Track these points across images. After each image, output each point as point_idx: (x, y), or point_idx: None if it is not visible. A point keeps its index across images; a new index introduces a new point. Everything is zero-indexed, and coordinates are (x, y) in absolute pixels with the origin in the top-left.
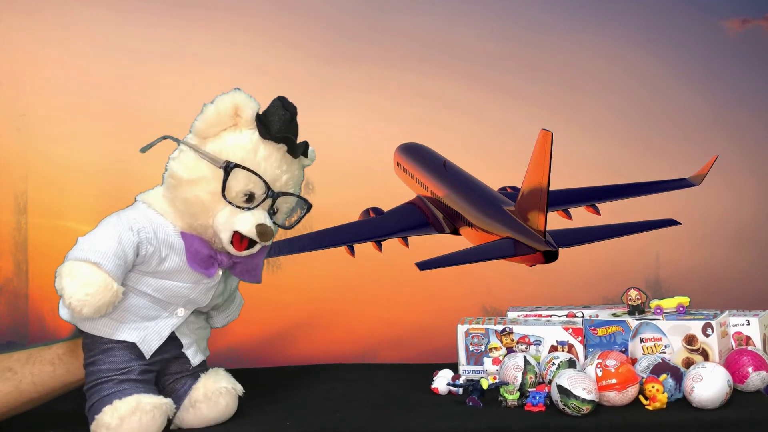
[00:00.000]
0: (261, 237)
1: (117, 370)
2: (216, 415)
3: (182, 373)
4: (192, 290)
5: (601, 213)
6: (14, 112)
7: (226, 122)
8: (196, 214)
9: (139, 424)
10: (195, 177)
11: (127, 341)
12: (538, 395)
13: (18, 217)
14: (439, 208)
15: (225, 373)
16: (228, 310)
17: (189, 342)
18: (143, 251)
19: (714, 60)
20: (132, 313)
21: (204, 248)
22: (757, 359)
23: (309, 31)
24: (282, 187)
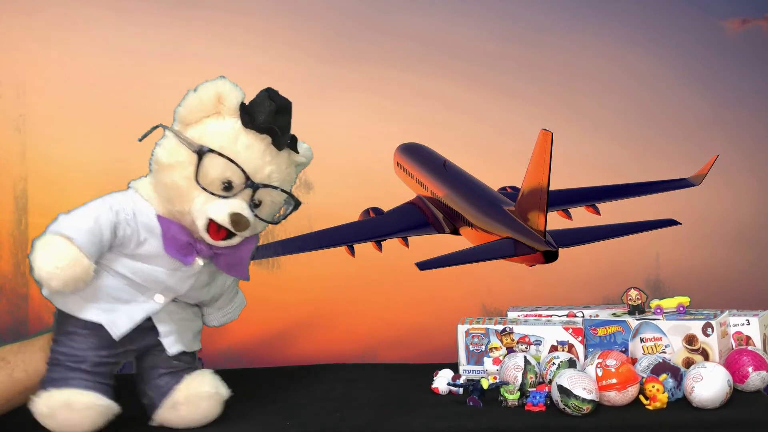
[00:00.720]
0: (235, 226)
1: (70, 356)
2: (197, 417)
3: (166, 369)
4: (169, 277)
5: (601, 213)
6: (14, 112)
7: (208, 109)
8: (174, 200)
9: (68, 420)
10: (173, 162)
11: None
12: (539, 395)
13: (18, 217)
14: (439, 208)
15: (211, 376)
16: (225, 308)
17: (167, 330)
18: (121, 232)
19: (714, 60)
20: (104, 293)
21: (183, 235)
22: (757, 359)
23: (309, 31)
24: (265, 179)
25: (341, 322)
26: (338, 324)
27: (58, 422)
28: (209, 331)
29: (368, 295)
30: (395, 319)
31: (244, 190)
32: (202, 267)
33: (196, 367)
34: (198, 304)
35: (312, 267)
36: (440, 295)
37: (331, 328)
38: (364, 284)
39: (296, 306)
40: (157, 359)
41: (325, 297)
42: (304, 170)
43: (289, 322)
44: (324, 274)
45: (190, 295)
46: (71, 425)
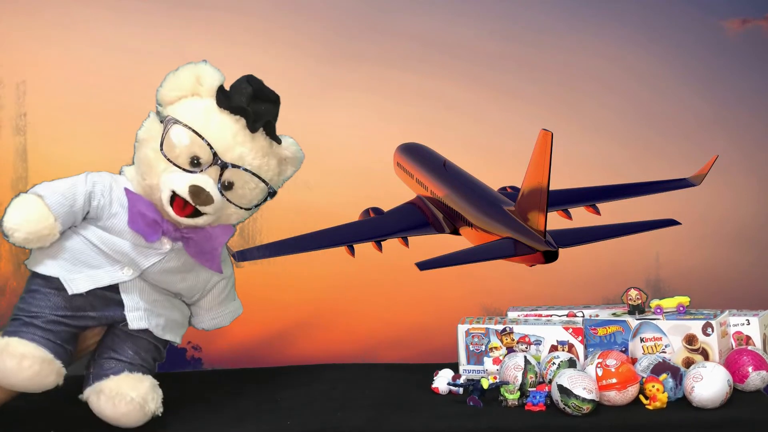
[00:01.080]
0: (194, 197)
1: (27, 312)
2: (111, 415)
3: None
4: (132, 249)
5: (601, 213)
6: (14, 112)
7: (185, 88)
8: (145, 173)
9: (3, 365)
10: (147, 136)
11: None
12: (539, 395)
13: None
14: (439, 208)
15: (147, 385)
16: (214, 311)
17: (134, 305)
18: (95, 202)
19: (714, 60)
20: (70, 255)
21: (149, 211)
22: (757, 359)
23: (309, 31)
24: (235, 159)
25: (341, 322)
26: (338, 324)
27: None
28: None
29: (368, 295)
30: (395, 319)
31: (212, 167)
32: (170, 250)
33: (148, 370)
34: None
35: (312, 267)
36: (440, 295)
37: (331, 328)
38: (364, 284)
39: (296, 306)
40: (117, 341)
41: (325, 297)
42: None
43: (289, 322)
44: (324, 274)
45: (159, 279)
46: (7, 371)
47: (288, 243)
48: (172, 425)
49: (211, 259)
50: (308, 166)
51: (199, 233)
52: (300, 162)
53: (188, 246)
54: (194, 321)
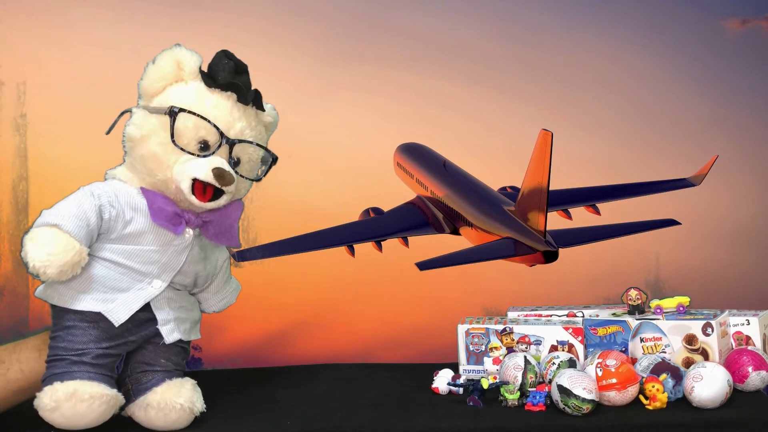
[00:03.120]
0: (219, 180)
1: (72, 350)
2: (163, 425)
3: (152, 367)
4: (162, 253)
5: (601, 213)
6: (14, 112)
7: (168, 76)
8: (154, 170)
9: (74, 411)
10: (146, 132)
11: (91, 316)
12: (539, 395)
13: (18, 217)
14: (439, 208)
15: (190, 388)
16: (222, 292)
17: (166, 318)
18: (106, 215)
19: (714, 60)
20: (100, 284)
21: (168, 205)
22: (757, 359)
23: (309, 31)
24: (238, 134)
25: (341, 322)
26: (338, 324)
27: (64, 414)
28: (209, 331)
29: (368, 295)
30: (395, 319)
31: (221, 148)
32: (193, 240)
33: (181, 372)
34: (194, 292)
35: (312, 267)
36: (440, 295)
37: (331, 328)
38: (364, 284)
39: (296, 306)
40: (147, 354)
41: (325, 297)
42: (305, 170)
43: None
44: (324, 274)
45: (187, 271)
46: (78, 416)
47: (288, 243)
48: None
49: (230, 236)
50: (308, 166)
51: (215, 214)
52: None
53: (207, 230)
54: (205, 307)
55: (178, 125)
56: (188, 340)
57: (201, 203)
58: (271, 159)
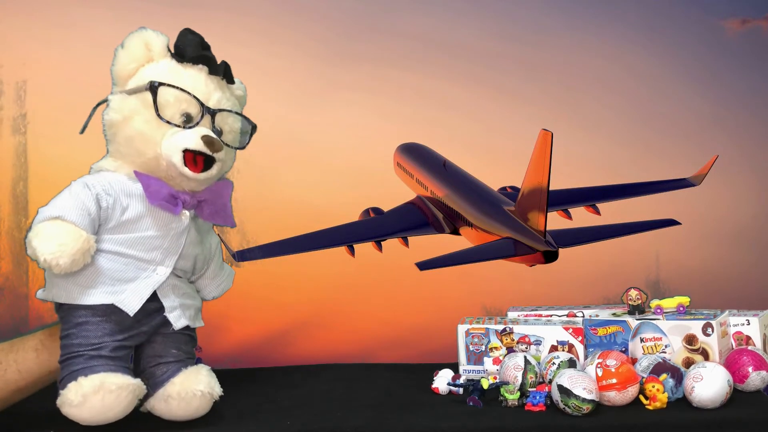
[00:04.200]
0: (209, 147)
1: (89, 345)
2: (186, 414)
3: (165, 359)
4: (163, 238)
5: (601, 213)
6: (14, 111)
7: (139, 58)
8: (142, 150)
9: (102, 403)
10: (127, 113)
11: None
12: (539, 395)
13: (18, 217)
14: (439, 208)
15: (206, 374)
16: (219, 277)
17: (172, 305)
18: (104, 203)
19: (714, 60)
20: (106, 277)
21: (163, 187)
22: (757, 359)
23: (309, 31)
24: (216, 104)
25: (341, 322)
26: (338, 324)
27: (92, 408)
28: (210, 330)
29: (368, 295)
30: (395, 319)
31: (204, 119)
32: (189, 222)
33: (193, 360)
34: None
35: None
36: (440, 295)
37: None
38: (364, 284)
39: (296, 306)
40: (157, 346)
41: (325, 297)
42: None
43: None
44: (324, 274)
45: (187, 254)
46: (106, 408)
47: (288, 243)
48: (172, 425)
49: (224, 215)
50: (308, 166)
51: (209, 194)
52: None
53: (202, 210)
54: (204, 294)
55: (159, 100)
56: (194, 327)
57: (194, 174)
58: (250, 127)
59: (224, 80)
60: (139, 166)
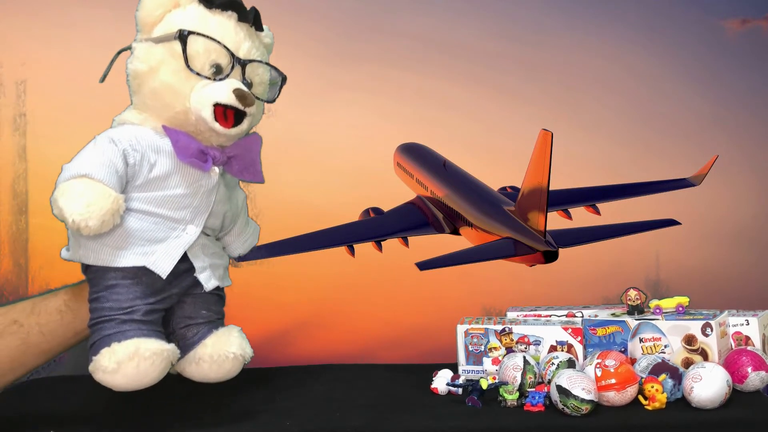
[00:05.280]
0: (242, 101)
1: (120, 309)
2: (218, 376)
3: (195, 320)
4: (193, 197)
5: (601, 213)
6: (14, 112)
7: (165, 3)
8: (170, 103)
9: (137, 370)
10: (154, 63)
11: (132, 272)
12: (538, 395)
13: (18, 217)
14: (439, 208)
15: (237, 335)
16: (245, 233)
17: (203, 265)
18: (131, 159)
19: (714, 60)
20: (135, 237)
21: (192, 142)
22: (756, 359)
23: (309, 31)
24: (246, 54)
25: (341, 322)
26: (338, 324)
27: (127, 375)
28: None
29: (368, 295)
30: (395, 319)
31: (234, 70)
32: (218, 179)
33: (223, 320)
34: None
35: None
36: (440, 295)
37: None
38: (364, 284)
39: (296, 306)
40: (187, 308)
41: (325, 297)
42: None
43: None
44: (324, 274)
45: (217, 212)
46: (141, 375)
47: (288, 243)
48: (172, 425)
49: (254, 171)
50: (308, 166)
51: (238, 149)
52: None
53: (231, 166)
54: (230, 251)
55: (189, 51)
56: (223, 287)
57: (225, 130)
58: (280, 79)
59: (253, 27)
60: (166, 119)
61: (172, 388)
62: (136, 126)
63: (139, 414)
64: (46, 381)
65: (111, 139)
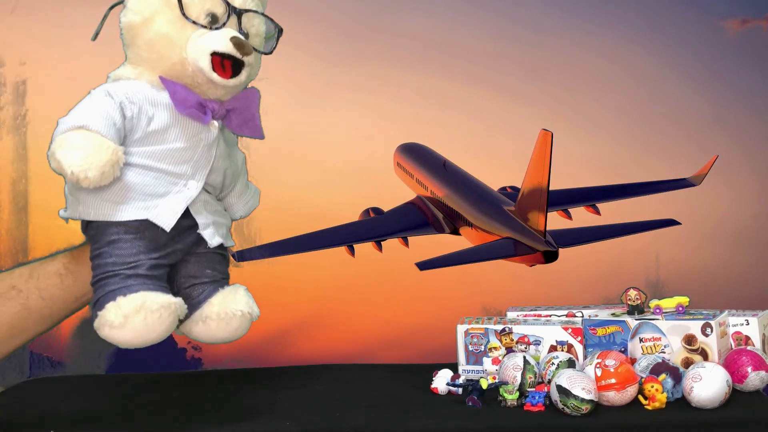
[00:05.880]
0: (239, 49)
1: (124, 264)
2: (225, 335)
3: (200, 279)
4: (193, 150)
5: (601, 213)
6: (14, 111)
7: None
8: (166, 53)
9: (144, 323)
10: (148, 14)
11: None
12: (538, 395)
13: (18, 217)
14: (439, 208)
15: (244, 293)
16: (246, 195)
17: (206, 222)
18: (128, 112)
19: (714, 60)
20: (136, 192)
21: (190, 94)
22: (756, 359)
23: (309, 31)
24: (242, 4)
25: (341, 322)
26: (338, 324)
27: (134, 329)
28: None
29: (368, 295)
30: (395, 319)
31: (230, 19)
32: (218, 134)
33: (228, 280)
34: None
35: (312, 267)
36: (440, 295)
37: (331, 328)
38: (364, 284)
39: (296, 306)
40: (191, 267)
41: (325, 297)
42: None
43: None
44: (324, 274)
45: (218, 168)
46: (149, 329)
47: (288, 243)
48: (172, 425)
49: (253, 126)
50: (308, 166)
51: (237, 102)
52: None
53: (230, 120)
54: (231, 213)
55: None
56: (227, 247)
57: (223, 80)
58: (276, 31)
59: None
60: (162, 72)
61: (172, 388)
62: (132, 80)
63: (139, 414)
64: (46, 381)
65: (107, 92)
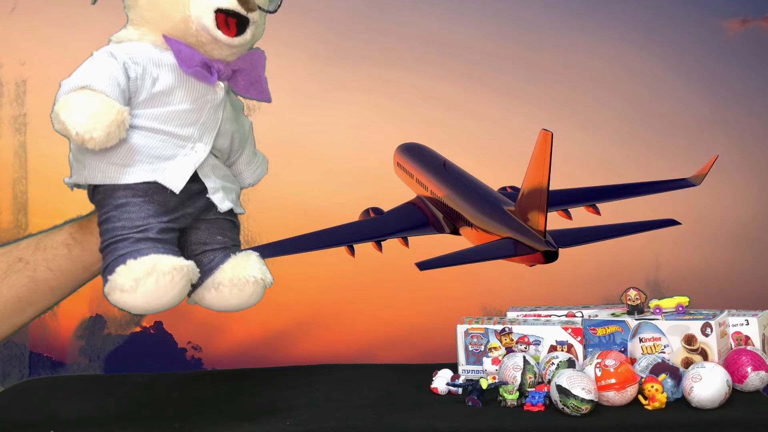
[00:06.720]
0: (243, 5)
1: (132, 228)
2: (238, 302)
3: (210, 245)
4: (199, 112)
5: (601, 213)
6: (14, 112)
7: None
8: (168, 12)
9: (156, 286)
10: None
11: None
12: (538, 395)
13: (18, 217)
14: (439, 208)
15: (257, 259)
16: (253, 162)
17: (215, 186)
18: (132, 73)
19: (714, 60)
20: (143, 154)
21: (195, 54)
22: (756, 359)
23: (309, 31)
24: None
25: (341, 322)
26: (338, 324)
27: (146, 292)
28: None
29: (368, 295)
30: (395, 319)
31: None
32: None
33: (239, 247)
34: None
35: (312, 267)
36: (440, 295)
37: (331, 328)
38: (364, 284)
39: (296, 306)
40: (201, 233)
41: (325, 297)
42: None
43: (289, 322)
44: (324, 274)
45: (225, 131)
46: (161, 292)
47: (288, 243)
48: (172, 425)
49: (260, 88)
50: (308, 166)
51: (242, 62)
52: None
53: (236, 82)
54: (240, 180)
55: None
56: (237, 214)
57: (228, 38)
58: None
59: None
60: (165, 31)
61: (172, 388)
62: (135, 42)
63: (139, 414)
64: (46, 381)
65: (110, 53)
